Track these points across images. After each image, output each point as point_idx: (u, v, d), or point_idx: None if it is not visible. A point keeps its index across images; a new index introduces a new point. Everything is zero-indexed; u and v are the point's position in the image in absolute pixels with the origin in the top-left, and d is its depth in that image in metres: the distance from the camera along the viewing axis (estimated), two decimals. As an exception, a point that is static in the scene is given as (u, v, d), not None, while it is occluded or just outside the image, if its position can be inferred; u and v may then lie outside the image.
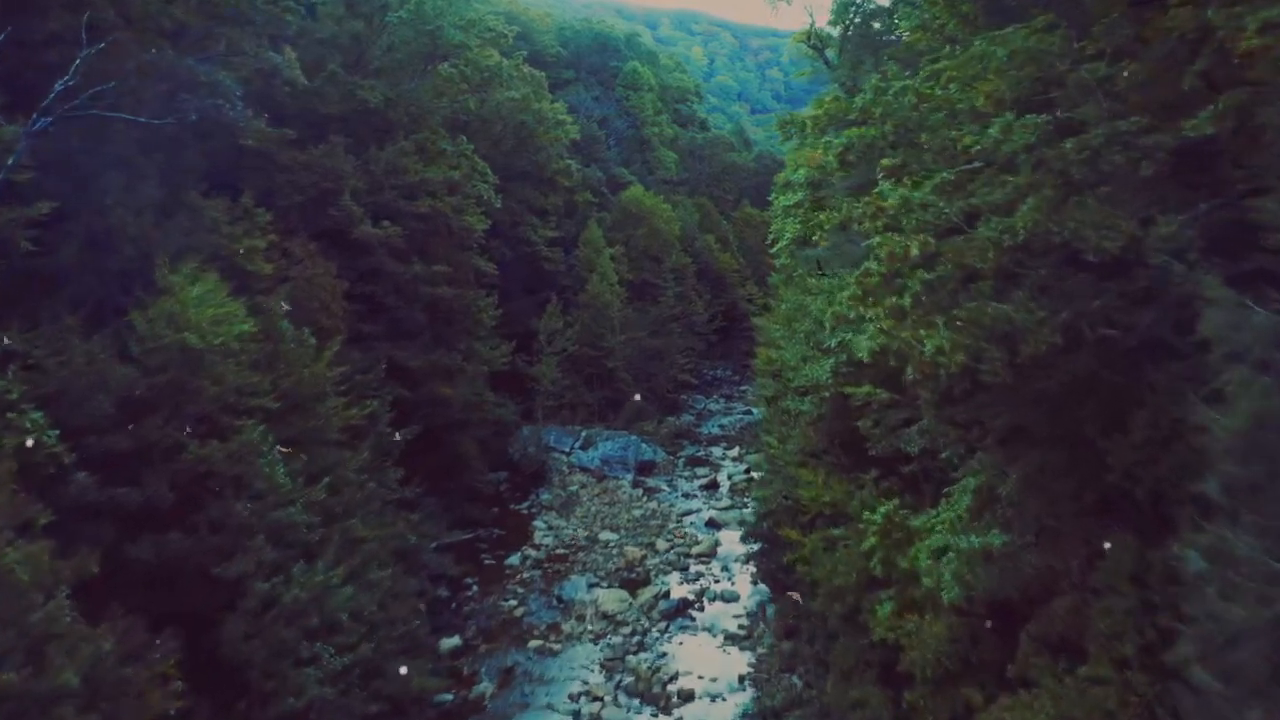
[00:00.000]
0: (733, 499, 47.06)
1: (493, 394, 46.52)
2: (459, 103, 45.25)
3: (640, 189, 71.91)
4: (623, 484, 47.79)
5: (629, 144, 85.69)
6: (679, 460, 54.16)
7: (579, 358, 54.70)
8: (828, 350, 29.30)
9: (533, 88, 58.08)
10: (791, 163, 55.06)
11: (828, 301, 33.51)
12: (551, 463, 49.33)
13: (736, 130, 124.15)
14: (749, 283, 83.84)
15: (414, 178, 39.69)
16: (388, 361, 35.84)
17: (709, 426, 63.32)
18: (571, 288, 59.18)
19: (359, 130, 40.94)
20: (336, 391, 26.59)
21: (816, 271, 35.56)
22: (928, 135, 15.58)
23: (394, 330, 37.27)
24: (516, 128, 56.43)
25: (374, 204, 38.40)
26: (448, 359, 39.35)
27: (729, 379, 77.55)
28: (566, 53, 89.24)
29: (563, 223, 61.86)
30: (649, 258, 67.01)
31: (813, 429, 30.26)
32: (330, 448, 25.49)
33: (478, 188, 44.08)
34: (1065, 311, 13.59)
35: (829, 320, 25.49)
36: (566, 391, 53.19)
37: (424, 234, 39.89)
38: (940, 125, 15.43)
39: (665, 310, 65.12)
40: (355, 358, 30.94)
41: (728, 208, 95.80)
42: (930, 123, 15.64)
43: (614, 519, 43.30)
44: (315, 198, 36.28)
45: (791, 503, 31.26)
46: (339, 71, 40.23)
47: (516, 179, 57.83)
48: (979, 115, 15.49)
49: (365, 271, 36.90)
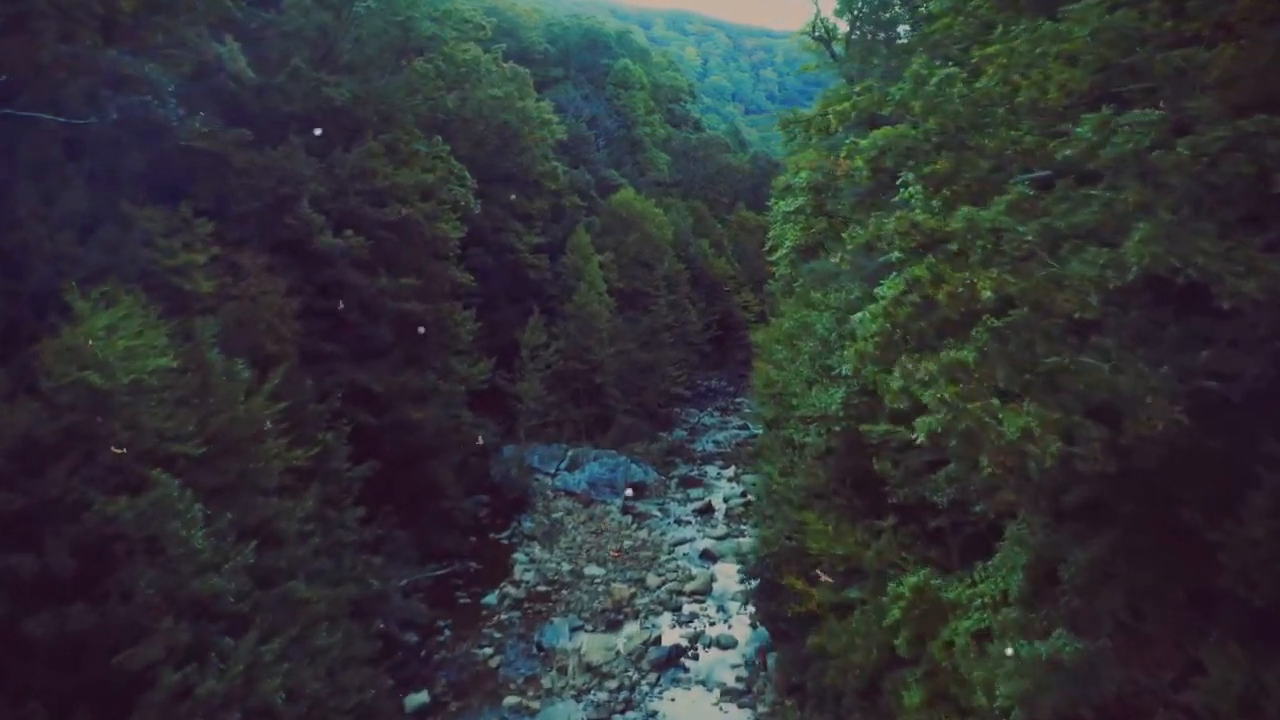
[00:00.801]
0: (729, 526, 43.90)
1: (471, 413, 43.26)
2: (434, 100, 41.94)
3: (631, 192, 68.63)
4: (611, 510, 44.55)
5: (620, 145, 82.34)
6: (671, 481, 50.96)
7: (565, 372, 51.43)
8: (837, 376, 26.16)
9: (517, 85, 54.82)
10: (792, 165, 51.79)
11: (835, 320, 30.43)
12: (535, 486, 46.06)
13: (731, 131, 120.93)
14: (745, 289, 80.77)
15: (383, 182, 36.38)
16: (349, 385, 32.60)
17: (703, 443, 60.11)
18: (558, 297, 55.91)
19: (325, 130, 37.69)
20: (281, 429, 23.26)
21: (822, 286, 32.34)
22: (983, 136, 12.35)
23: (358, 350, 33.98)
24: (499, 128, 53.16)
25: (338, 211, 35.14)
26: (419, 380, 36.05)
27: (724, 390, 74.37)
28: (555, 50, 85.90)
29: (549, 228, 58.58)
30: (640, 264, 63.75)
31: (819, 465, 27.02)
32: (269, 496, 22.17)
33: (454, 192, 40.80)
34: (1166, 366, 10.41)
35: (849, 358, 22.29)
36: (552, 408, 49.90)
37: (394, 243, 36.59)
38: (999, 123, 12.22)
39: (658, 320, 61.88)
40: (309, 385, 27.62)
41: (722, 211, 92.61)
42: (985, 120, 12.43)
43: (601, 550, 40.07)
44: (272, 205, 33.02)
45: (796, 543, 28.09)
46: (302, 66, 36.98)
47: (499, 182, 54.55)
48: (1043, 112, 12.35)
49: (326, 285, 33.64)
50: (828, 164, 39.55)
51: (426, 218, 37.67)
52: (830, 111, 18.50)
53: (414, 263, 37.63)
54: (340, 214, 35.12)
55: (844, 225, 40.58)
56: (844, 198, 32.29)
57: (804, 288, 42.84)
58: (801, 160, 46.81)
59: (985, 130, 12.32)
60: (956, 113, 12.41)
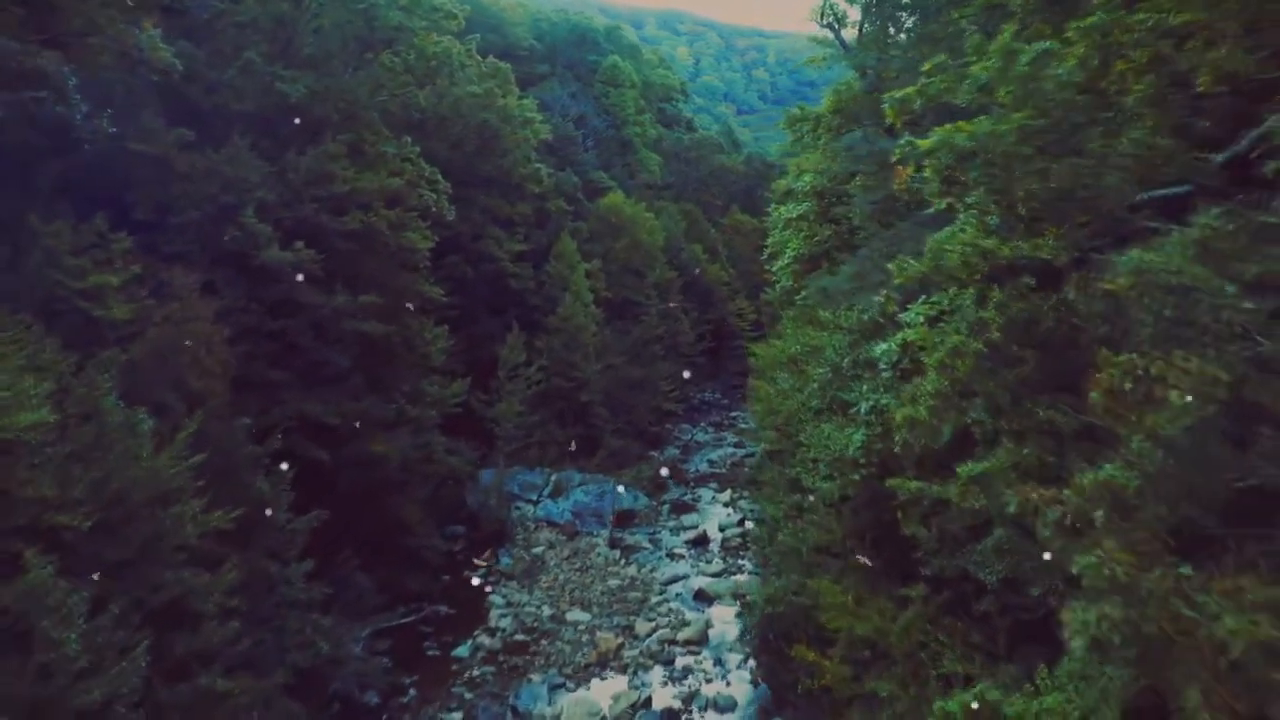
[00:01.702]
0: (725, 560, 40.39)
1: (446, 438, 39.67)
2: (404, 97, 38.35)
3: (620, 195, 65.07)
4: (597, 542, 40.98)
5: (609, 145, 78.72)
6: (663, 507, 47.39)
7: (549, 390, 47.85)
8: (854, 414, 22.67)
9: (497, 81, 51.20)
10: (793, 168, 48.23)
11: (849, 344, 26.96)
12: (515, 516, 42.44)
13: (725, 131, 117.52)
14: (740, 296, 77.32)
15: (343, 187, 32.80)
16: (299, 418, 29.02)
17: (697, 462, 56.58)
18: (541, 308, 52.28)
19: (281, 130, 34.13)
20: (199, 486, 19.63)
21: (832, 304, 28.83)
22: (1102, 137, 8.83)
23: (310, 377, 30.40)
24: (478, 127, 49.56)
25: (291, 220, 31.58)
26: (381, 408, 32.42)
27: (718, 403, 70.89)
28: (542, 46, 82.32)
29: (532, 234, 54.95)
30: (630, 272, 60.20)
31: (832, 516, 23.50)
32: (181, 569, 18.56)
33: (425, 197, 37.21)
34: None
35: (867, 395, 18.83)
36: (534, 429, 46.30)
37: (354, 255, 33.02)
38: (1125, 119, 8.70)
39: (648, 331, 58.31)
40: (242, 425, 23.97)
41: (716, 214, 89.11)
42: (1103, 116, 8.91)
43: (586, 591, 36.49)
44: (214, 214, 29.44)
45: (804, 599, 24.59)
46: (256, 60, 33.45)
47: (479, 186, 50.98)
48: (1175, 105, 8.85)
49: (275, 304, 30.02)
50: (833, 166, 36.15)
51: (392, 226, 34.09)
52: (888, 99, 14.74)
53: (378, 276, 34.04)
54: (293, 223, 31.57)
55: (853, 235, 37.17)
56: (857, 206, 28.82)
57: (808, 302, 39.40)
58: (804, 162, 43.30)
59: (1102, 127, 8.76)
60: (1067, 102, 8.83)
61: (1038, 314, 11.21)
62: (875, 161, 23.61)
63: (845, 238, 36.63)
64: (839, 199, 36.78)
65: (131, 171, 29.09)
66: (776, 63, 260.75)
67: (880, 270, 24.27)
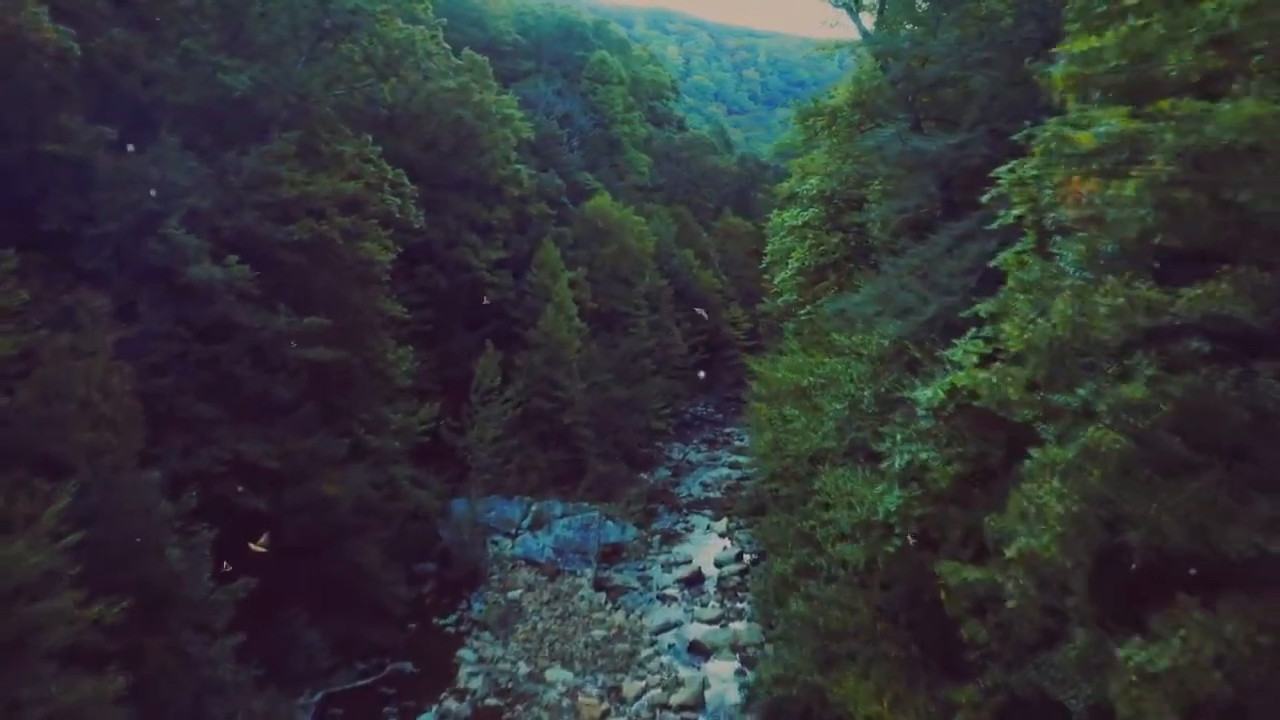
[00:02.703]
0: (722, 603, 36.64)
1: (413, 468, 35.86)
2: (366, 90, 34.45)
3: (607, 198, 61.18)
4: (581, 583, 37.16)
5: (596, 145, 74.78)
6: (653, 538, 43.61)
7: (530, 411, 43.98)
8: (886, 468, 18.94)
9: (474, 75, 47.34)
10: (797, 170, 44.41)
11: (870, 373, 23.28)
12: (490, 553, 38.57)
13: (717, 130, 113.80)
14: (734, 304, 73.65)
15: (291, 191, 28.90)
16: (233, 462, 25.11)
17: (689, 484, 52.78)
18: (522, 320, 48.44)
19: (223, 127, 30.28)
20: (74, 580, 15.69)
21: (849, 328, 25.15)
22: None
23: (248, 411, 26.47)
24: (453, 125, 45.69)
25: (231, 230, 27.66)
26: (333, 444, 28.52)
27: (711, 418, 67.17)
28: (526, 41, 78.41)
29: (512, 240, 51.08)
30: (617, 280, 56.36)
31: (860, 590, 19.74)
32: (51, 676, 14.66)
33: (388, 202, 33.32)
34: None
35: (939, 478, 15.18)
36: (513, 454, 42.44)
37: (302, 269, 29.13)
38: None
39: (637, 344, 54.49)
40: (150, 480, 20.05)
41: (708, 217, 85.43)
42: None
43: (567, 643, 32.67)
44: (135, 224, 25.52)
45: (821, 681, 20.85)
46: (195, 48, 29.56)
47: (454, 189, 47.13)
48: None
49: (206, 328, 26.08)
50: (844, 168, 32.36)
51: (347, 236, 30.21)
52: (1060, 70, 10.78)
53: (331, 292, 30.18)
54: (233, 234, 27.66)
55: (867, 246, 33.39)
56: (877, 214, 25.07)
57: (815, 318, 35.69)
58: (810, 164, 39.54)
59: None
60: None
61: (1224, 397, 7.56)
62: (906, 164, 19.89)
63: (859, 249, 32.93)
64: (851, 205, 33.10)
65: (44, 176, 25.19)
66: (767, 62, 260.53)
67: (911, 291, 20.57)
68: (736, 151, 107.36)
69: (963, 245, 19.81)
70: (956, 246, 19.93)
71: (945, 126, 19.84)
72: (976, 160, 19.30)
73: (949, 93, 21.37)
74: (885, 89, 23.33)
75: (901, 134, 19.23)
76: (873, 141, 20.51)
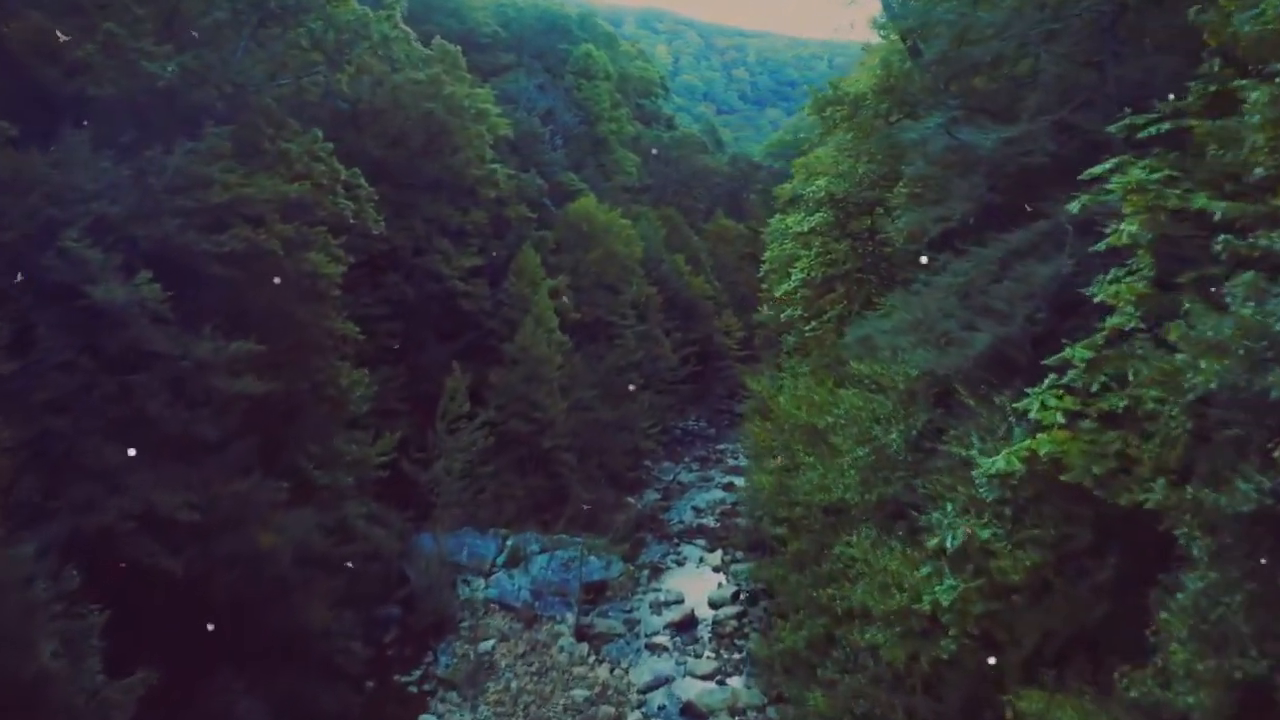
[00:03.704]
0: (718, 652, 32.90)
1: (373, 503, 32.06)
2: (314, 78, 30.53)
3: (592, 199, 57.23)
4: (561, 631, 33.35)
5: (580, 143, 70.77)
6: (641, 573, 39.83)
7: (506, 434, 40.15)
8: (930, 538, 15.21)
9: (445, 66, 43.47)
10: (800, 170, 40.67)
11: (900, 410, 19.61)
12: (461, 595, 34.72)
13: (707, 129, 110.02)
14: (726, 311, 69.96)
15: (222, 195, 25.02)
16: (145, 515, 21.22)
17: (680, 508, 48.98)
18: (499, 332, 44.60)
19: (146, 122, 26.38)
20: None
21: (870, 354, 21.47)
22: None
23: (164, 454, 22.53)
24: (423, 120, 41.80)
25: (149, 241, 23.78)
26: (267, 488, 24.63)
27: (703, 433, 63.40)
28: (507, 34, 74.36)
29: (489, 245, 47.18)
30: (602, 288, 52.51)
31: (897, 691, 15.94)
32: None
33: (340, 207, 29.45)
34: None
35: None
36: (488, 481, 38.59)
37: (237, 286, 25.23)
38: None
39: (624, 356, 50.68)
40: (22, 556, 16.19)
41: (698, 219, 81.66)
42: None
43: (544, 705, 28.90)
44: (31, 236, 21.66)
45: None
46: (119, 32, 25.69)
47: (424, 190, 43.25)
48: None
49: (116, 357, 22.19)
50: (858, 168, 28.61)
51: (290, 245, 26.34)
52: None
53: (271, 311, 26.30)
54: (152, 245, 23.78)
55: (881, 256, 29.66)
56: (904, 222, 21.31)
57: (818, 334, 32.00)
58: (816, 163, 35.77)
59: None
60: None
61: None
62: (953, 162, 16.21)
63: (872, 260, 29.24)
64: (862, 209, 29.41)
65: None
66: (757, 62, 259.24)
67: (953, 317, 16.85)
68: (728, 151, 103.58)
69: (1020, 262, 16.12)
70: (1012, 264, 16.23)
71: (993, 118, 16.15)
72: (1039, 159, 15.63)
73: (994, 77, 17.66)
74: (916, 74, 19.64)
75: (948, 125, 15.52)
76: (914, 134, 16.72)
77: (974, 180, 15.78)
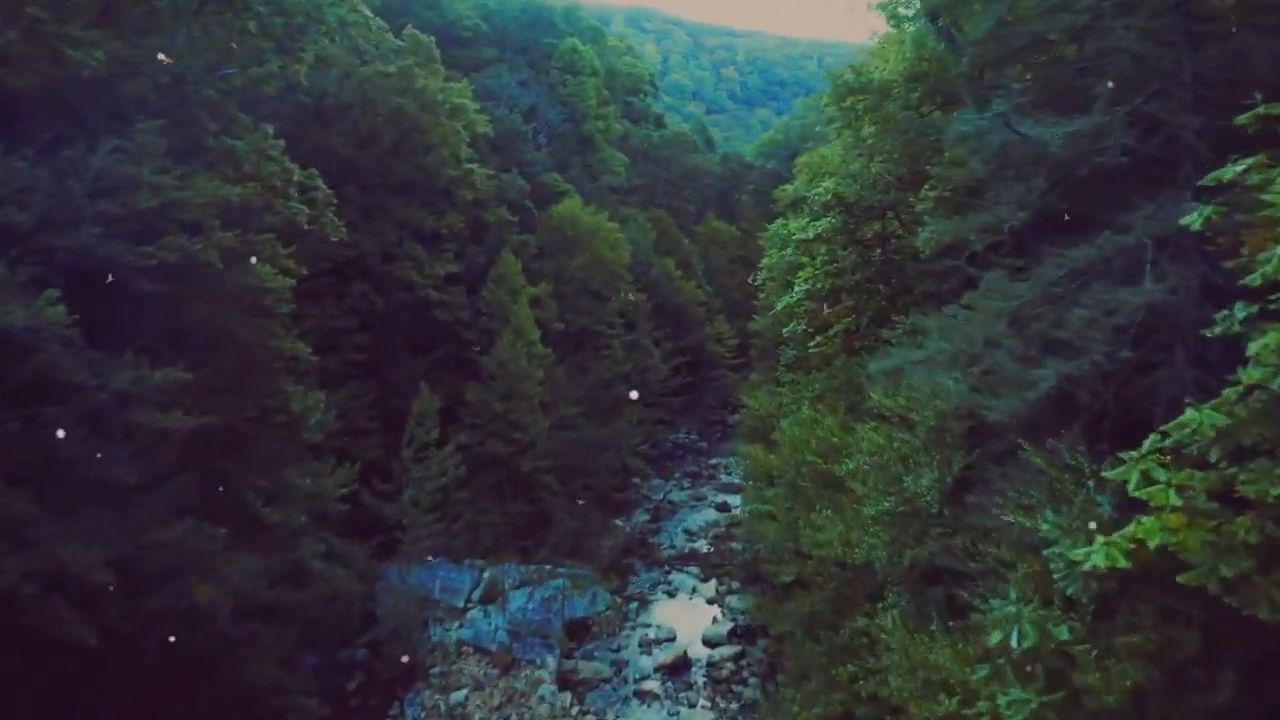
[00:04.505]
0: (714, 699, 30.01)
1: (333, 536, 29.06)
2: (264, 69, 27.47)
3: (578, 201, 54.20)
4: (542, 678, 30.38)
5: (565, 142, 67.68)
6: (629, 606, 36.93)
7: (483, 456, 37.19)
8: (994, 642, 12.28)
9: (418, 58, 40.45)
10: (802, 169, 37.74)
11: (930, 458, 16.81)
12: (432, 637, 31.69)
13: (698, 128, 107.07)
14: (719, 317, 67.09)
15: (152, 200, 21.97)
16: (54, 576, 18.19)
17: (671, 531, 46.09)
18: (477, 343, 41.59)
19: (70, 116, 23.37)
20: None
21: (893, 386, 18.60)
22: None
23: (78, 502, 19.46)
24: (393, 117, 38.77)
25: (66, 253, 20.74)
26: (202, 535, 21.58)
27: (694, 446, 60.52)
28: (488, 28, 71.37)
29: (467, 250, 44.19)
30: (588, 295, 49.59)
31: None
32: None
33: (292, 210, 26.43)
34: None
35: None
36: (463, 508, 35.59)
37: (169, 303, 22.17)
38: None
39: (611, 368, 47.76)
40: None
41: (689, 221, 78.70)
42: None
43: (522, 767, 25.94)
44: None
45: None
46: (43, 18, 22.66)
47: (396, 192, 40.23)
48: None
49: (20, 389, 19.13)
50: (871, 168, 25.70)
51: (232, 256, 23.30)
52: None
53: (210, 331, 23.27)
54: (71, 257, 20.75)
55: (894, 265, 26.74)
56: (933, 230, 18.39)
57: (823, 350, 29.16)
58: (822, 162, 32.83)
59: None
60: None
61: None
62: (1013, 160, 13.32)
63: (883, 270, 26.35)
64: (873, 214, 26.54)
65: None
66: (746, 61, 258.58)
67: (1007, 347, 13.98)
68: (719, 151, 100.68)
69: (1086, 284, 13.27)
70: (1075, 285, 13.38)
71: (1055, 109, 13.28)
72: (1114, 158, 12.76)
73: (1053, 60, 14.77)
74: (948, 58, 16.76)
75: (1009, 117, 12.63)
76: (967, 126, 13.72)
77: (1033, 183, 12.89)
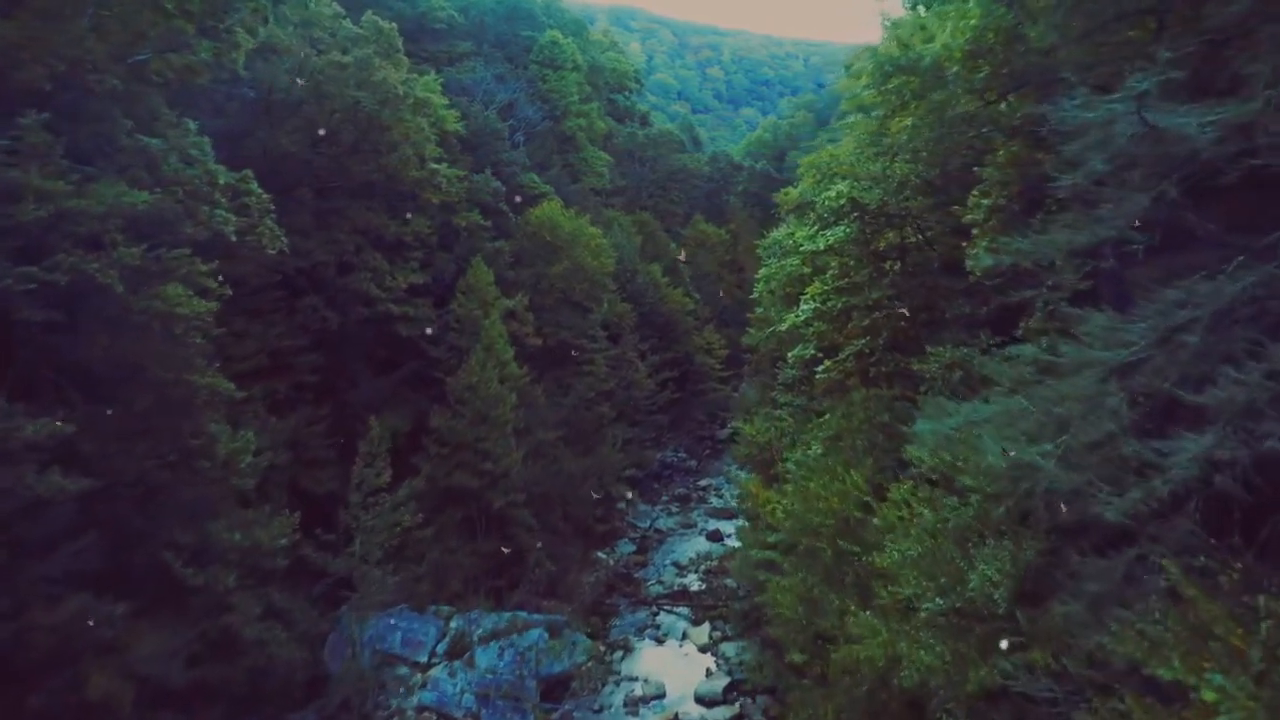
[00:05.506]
0: (709, 773, 26.38)
1: (272, 592, 25.29)
2: (187, 55, 23.63)
3: (558, 204, 50.42)
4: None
5: (544, 141, 63.88)
6: (613, 655, 33.27)
7: (451, 490, 33.48)
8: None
9: (377, 47, 36.65)
10: (808, 170, 34.11)
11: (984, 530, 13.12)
12: (390, 703, 27.94)
13: (685, 127, 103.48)
14: (708, 326, 63.52)
15: (39, 210, 18.20)
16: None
17: (659, 564, 42.41)
18: (446, 362, 37.85)
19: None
20: None
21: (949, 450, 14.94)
22: None
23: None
24: (350, 113, 34.98)
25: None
26: (102, 610, 17.82)
27: (682, 465, 56.81)
28: (464, 20, 67.52)
29: (435, 258, 40.43)
30: (569, 306, 45.90)
31: None
32: None
33: (216, 220, 22.62)
34: None
35: None
36: (428, 548, 31.92)
37: (62, 334, 18.41)
38: None
39: (594, 386, 44.12)
40: None
41: (676, 224, 75.09)
42: None
43: None
44: None
45: None
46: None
47: (355, 195, 36.46)
48: None
49: None
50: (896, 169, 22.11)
51: (138, 276, 19.54)
52: None
53: (114, 365, 19.49)
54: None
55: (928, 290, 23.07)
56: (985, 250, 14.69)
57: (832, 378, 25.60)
58: (830, 162, 29.01)
59: None
60: None
61: None
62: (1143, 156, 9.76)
63: (909, 289, 22.82)
64: (891, 223, 23.00)
65: None
66: (732, 61, 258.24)
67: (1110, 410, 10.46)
68: (707, 150, 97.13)
69: (1227, 329, 9.76)
70: (1211, 323, 9.85)
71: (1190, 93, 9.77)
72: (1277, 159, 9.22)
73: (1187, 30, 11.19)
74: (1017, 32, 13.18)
75: (1144, 102, 9.09)
76: (1097, 116, 10.08)
77: (1166, 185, 9.33)
